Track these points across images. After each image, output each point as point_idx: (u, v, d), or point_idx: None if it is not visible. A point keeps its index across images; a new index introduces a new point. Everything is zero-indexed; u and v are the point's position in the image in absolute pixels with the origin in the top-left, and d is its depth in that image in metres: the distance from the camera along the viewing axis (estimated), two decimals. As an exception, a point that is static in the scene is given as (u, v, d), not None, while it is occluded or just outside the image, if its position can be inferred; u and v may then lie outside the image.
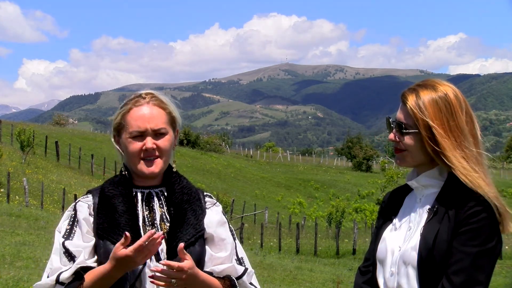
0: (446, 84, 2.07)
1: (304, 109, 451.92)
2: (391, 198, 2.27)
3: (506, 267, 19.83)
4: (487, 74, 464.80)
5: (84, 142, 45.48)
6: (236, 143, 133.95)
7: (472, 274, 1.90)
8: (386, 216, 2.22)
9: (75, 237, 2.09)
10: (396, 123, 2.09)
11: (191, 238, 2.11)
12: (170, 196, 2.18)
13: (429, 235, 1.98)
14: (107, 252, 2.04)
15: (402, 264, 2.03)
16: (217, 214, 2.24)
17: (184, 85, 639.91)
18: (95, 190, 2.21)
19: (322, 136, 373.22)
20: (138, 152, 2.11)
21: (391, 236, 2.13)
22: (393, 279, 2.06)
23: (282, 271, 15.35)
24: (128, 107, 2.15)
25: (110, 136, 2.25)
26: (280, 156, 74.86)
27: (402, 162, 2.12)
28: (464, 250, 1.92)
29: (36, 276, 9.17)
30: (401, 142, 2.09)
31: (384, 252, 2.12)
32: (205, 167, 50.71)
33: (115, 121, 2.18)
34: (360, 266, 2.29)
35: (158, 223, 2.14)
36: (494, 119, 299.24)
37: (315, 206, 42.55)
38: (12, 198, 21.61)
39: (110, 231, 2.08)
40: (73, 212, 2.16)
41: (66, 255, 2.06)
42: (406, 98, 2.06)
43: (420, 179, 2.10)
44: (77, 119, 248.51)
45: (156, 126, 2.11)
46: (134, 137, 2.11)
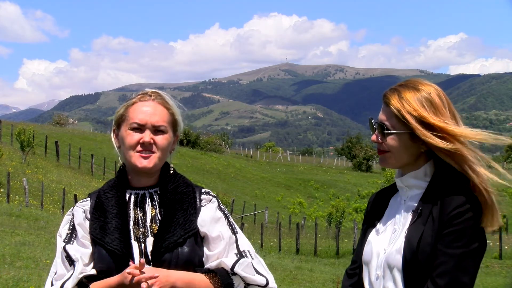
0: (428, 84, 2.05)
1: (304, 109, 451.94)
2: (377, 199, 2.24)
3: (506, 267, 19.81)
4: (487, 74, 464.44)
5: (84, 142, 45.47)
6: (236, 143, 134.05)
7: (457, 276, 1.89)
8: (372, 218, 2.19)
9: (75, 241, 2.12)
10: (379, 124, 2.07)
11: (178, 239, 2.08)
12: (162, 196, 2.16)
13: (413, 237, 1.95)
14: (101, 257, 2.07)
15: (387, 267, 2.00)
16: (211, 211, 2.18)
17: (184, 85, 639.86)
18: (93, 193, 2.22)
19: (322, 136, 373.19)
20: (134, 144, 2.10)
21: (376, 239, 2.11)
22: (378, 283, 2.04)
23: (282, 271, 15.34)
24: (133, 101, 2.16)
25: (110, 134, 2.25)
26: (280, 156, 74.83)
27: (385, 163, 2.10)
28: (448, 252, 1.90)
29: (36, 276, 9.16)
30: (383, 143, 2.06)
31: (370, 255, 2.10)
32: (205, 167, 50.69)
33: (118, 113, 2.18)
34: (347, 269, 2.26)
35: (148, 225, 2.13)
36: (494, 119, 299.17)
37: (315, 206, 42.54)
38: (12, 198, 21.60)
39: (102, 235, 2.09)
40: (71, 216, 2.18)
41: (67, 259, 2.09)
42: (388, 99, 2.04)
43: (405, 179, 2.07)
44: (77, 119, 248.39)
45: (157, 122, 2.11)
46: (134, 129, 2.11)
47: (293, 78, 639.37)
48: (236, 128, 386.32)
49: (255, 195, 45.29)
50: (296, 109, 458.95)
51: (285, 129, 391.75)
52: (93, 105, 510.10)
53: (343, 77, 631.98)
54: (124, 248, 2.07)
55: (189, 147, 59.56)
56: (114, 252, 2.06)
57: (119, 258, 2.06)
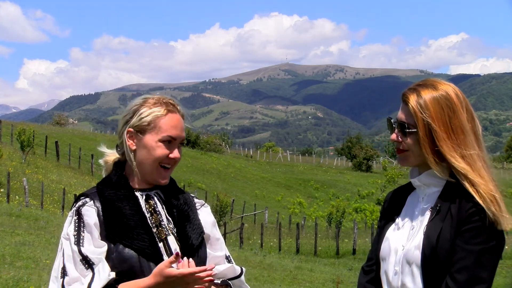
0: (446, 83, 2.09)
1: (304, 109, 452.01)
2: (393, 197, 2.27)
3: (506, 267, 19.85)
4: (487, 74, 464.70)
5: (84, 142, 45.47)
6: (236, 143, 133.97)
7: (476, 272, 1.91)
8: (389, 216, 2.22)
9: (86, 243, 2.03)
10: (398, 123, 2.10)
11: (199, 236, 2.17)
12: (168, 198, 2.19)
13: (432, 233, 1.98)
14: (123, 258, 2.03)
15: (406, 263, 2.03)
16: (209, 215, 2.28)
17: (184, 85, 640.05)
18: (91, 193, 2.13)
19: (322, 136, 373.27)
20: (164, 157, 2.12)
21: (394, 235, 2.13)
22: (397, 278, 2.06)
23: (282, 271, 15.34)
24: (164, 110, 2.13)
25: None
26: (280, 156, 74.85)
27: (404, 162, 2.12)
28: (467, 248, 1.92)
29: (36, 276, 9.16)
30: (403, 142, 2.09)
31: (388, 251, 2.12)
32: (205, 167, 50.70)
33: (144, 118, 2.11)
34: (363, 266, 2.29)
35: (166, 224, 2.15)
36: (494, 119, 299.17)
37: (315, 206, 42.57)
38: (12, 198, 21.61)
39: (122, 234, 2.05)
40: (76, 217, 2.08)
41: (83, 262, 2.00)
42: (407, 97, 2.07)
43: (423, 177, 2.10)
44: (77, 119, 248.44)
45: (184, 137, 2.18)
46: (164, 141, 2.12)
47: (293, 78, 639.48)
48: (236, 128, 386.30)
49: (255, 195, 45.30)
50: (296, 109, 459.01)
51: (285, 129, 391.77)
52: (93, 105, 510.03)
53: (343, 77, 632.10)
54: (152, 246, 2.06)
55: (189, 147, 59.53)
56: (143, 250, 2.04)
57: (148, 257, 2.05)
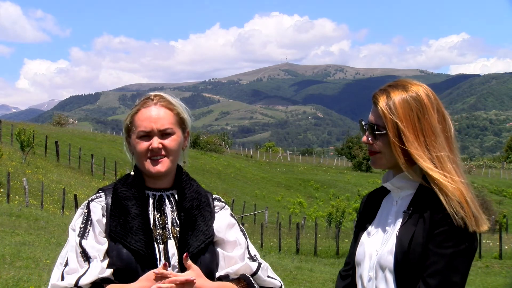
0: (417, 84, 2.04)
1: (304, 109, 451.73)
2: (369, 200, 2.23)
3: (506, 267, 19.84)
4: (487, 74, 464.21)
5: (84, 142, 45.48)
6: (236, 143, 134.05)
7: (448, 276, 1.88)
8: (364, 220, 2.18)
9: (89, 237, 2.08)
10: (368, 125, 2.07)
11: (201, 244, 2.13)
12: (180, 200, 2.19)
13: (404, 238, 1.94)
14: (120, 256, 2.05)
15: (379, 269, 1.99)
16: (226, 218, 2.25)
17: (184, 85, 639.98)
18: (107, 189, 2.20)
19: (322, 136, 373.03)
20: (145, 151, 2.14)
21: (369, 240, 2.10)
22: (371, 284, 2.03)
23: (282, 271, 15.34)
24: (137, 109, 2.19)
25: (120, 136, 2.26)
26: (280, 156, 74.88)
27: (376, 164, 2.09)
28: (438, 252, 1.89)
29: (36, 276, 9.17)
30: (374, 144, 2.06)
31: (363, 256, 2.09)
32: (205, 167, 50.69)
33: (125, 122, 2.21)
34: (340, 271, 2.26)
35: (170, 227, 2.15)
36: (494, 119, 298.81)
37: (315, 206, 42.53)
38: (12, 198, 21.61)
39: (123, 234, 2.08)
40: (86, 210, 2.14)
41: (82, 255, 2.05)
42: (377, 99, 2.04)
43: (395, 181, 2.06)
44: (77, 119, 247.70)
45: (162, 126, 2.14)
46: (141, 137, 2.14)
47: (293, 78, 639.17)
48: (236, 128, 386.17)
49: (255, 195, 45.31)
50: (296, 109, 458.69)
51: (285, 129, 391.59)
52: (93, 105, 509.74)
53: (343, 77, 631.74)
54: (147, 248, 2.07)
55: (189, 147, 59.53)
56: (138, 252, 2.06)
57: (142, 259, 2.06)
